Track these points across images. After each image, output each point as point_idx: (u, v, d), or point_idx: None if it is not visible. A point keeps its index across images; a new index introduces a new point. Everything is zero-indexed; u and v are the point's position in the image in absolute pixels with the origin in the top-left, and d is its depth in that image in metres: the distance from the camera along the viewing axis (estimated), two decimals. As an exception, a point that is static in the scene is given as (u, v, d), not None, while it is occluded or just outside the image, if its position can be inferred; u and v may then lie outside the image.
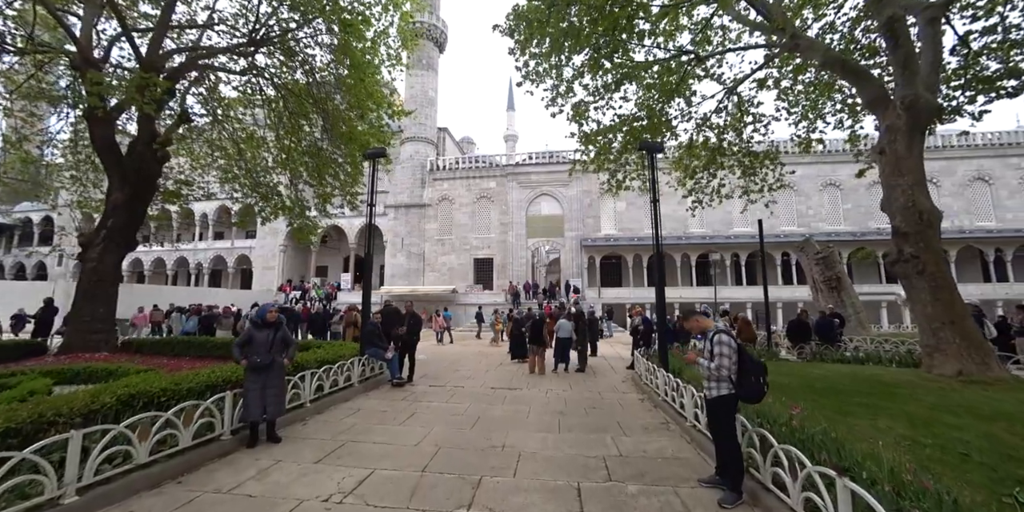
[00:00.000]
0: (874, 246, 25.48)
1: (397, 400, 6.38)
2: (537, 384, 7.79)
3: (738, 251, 26.59)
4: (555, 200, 29.02)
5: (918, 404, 5.09)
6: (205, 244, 36.23)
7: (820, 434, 3.36)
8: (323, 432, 4.71)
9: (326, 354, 6.94)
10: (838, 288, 15.99)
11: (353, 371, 6.77)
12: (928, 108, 7.37)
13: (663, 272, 7.17)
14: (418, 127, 32.71)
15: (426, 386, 7.51)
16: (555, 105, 11.29)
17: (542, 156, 30.82)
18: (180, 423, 3.58)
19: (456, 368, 9.75)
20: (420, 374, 8.68)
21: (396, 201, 31.53)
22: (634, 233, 27.67)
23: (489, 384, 7.70)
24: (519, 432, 4.78)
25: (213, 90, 12.58)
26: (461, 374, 8.87)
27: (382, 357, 7.32)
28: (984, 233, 25.28)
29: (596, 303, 24.46)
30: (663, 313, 7.06)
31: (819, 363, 8.75)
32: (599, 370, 9.63)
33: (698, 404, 4.50)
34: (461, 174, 30.99)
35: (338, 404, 5.98)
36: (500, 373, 9.06)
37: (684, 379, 5.80)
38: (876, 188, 27.41)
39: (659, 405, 5.98)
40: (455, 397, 6.62)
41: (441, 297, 27.44)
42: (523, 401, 6.37)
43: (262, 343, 4.15)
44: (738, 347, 3.25)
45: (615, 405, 6.18)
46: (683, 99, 11.62)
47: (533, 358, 9.07)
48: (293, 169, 13.04)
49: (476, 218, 30.14)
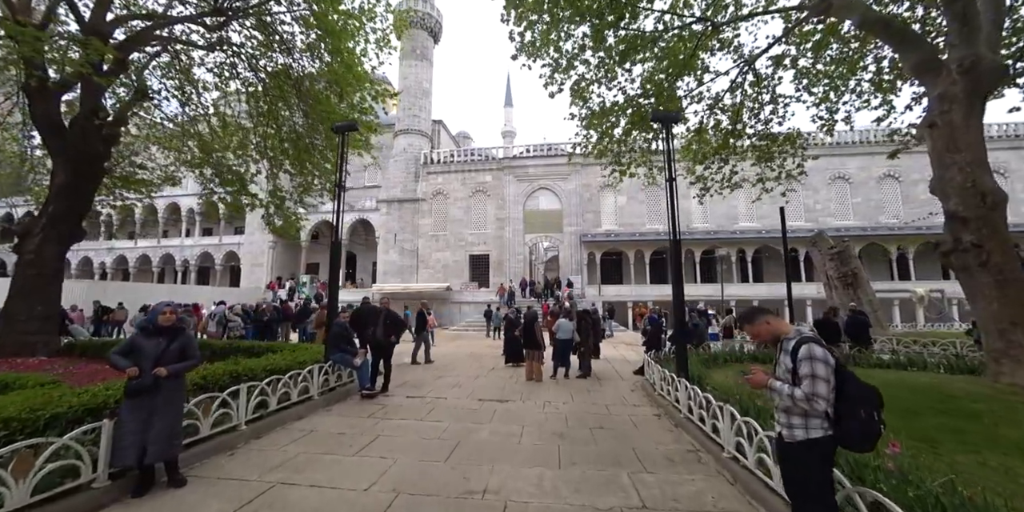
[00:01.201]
0: (884, 241, 24.50)
1: (363, 417, 5.26)
2: (533, 394, 6.69)
3: (744, 246, 25.53)
4: (553, 194, 27.88)
5: (1015, 427, 4.01)
6: (192, 240, 34.99)
7: (945, 490, 2.27)
8: (251, 468, 3.60)
9: (281, 360, 5.82)
10: (854, 284, 14.95)
11: (312, 381, 5.65)
12: (991, 70, 6.26)
13: (679, 262, 6.08)
14: (412, 119, 31.53)
15: (402, 397, 6.40)
16: (553, 82, 10.16)
17: (540, 149, 29.65)
18: (7, 472, 2.46)
19: (442, 373, 8.65)
20: (399, 382, 7.58)
21: (388, 195, 30.35)
22: (635, 228, 26.57)
23: (477, 395, 6.59)
24: (507, 466, 3.67)
25: (187, 72, 11.41)
26: (447, 381, 7.76)
27: (350, 363, 6.21)
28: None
29: (596, 301, 23.37)
30: (682, 309, 5.96)
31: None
32: (604, 376, 8.55)
33: (764, 446, 3.17)
34: (456, 168, 29.81)
35: (287, 424, 4.87)
36: (492, 380, 7.96)
37: (711, 390, 4.71)
38: (887, 182, 26.40)
39: (681, 424, 4.90)
40: (434, 412, 5.52)
41: (435, 295, 26.30)
42: (515, 418, 5.26)
43: (149, 356, 3.02)
44: (836, 364, 2.14)
45: (627, 423, 5.08)
46: (694, 77, 10.50)
47: (530, 363, 7.97)
48: (273, 157, 11.90)
49: (471, 213, 28.99)
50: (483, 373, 8.72)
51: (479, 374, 8.57)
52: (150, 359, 3.01)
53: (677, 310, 5.94)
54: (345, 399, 6.16)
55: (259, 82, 10.93)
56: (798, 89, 10.77)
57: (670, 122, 6.63)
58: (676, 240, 6.05)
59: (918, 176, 25.78)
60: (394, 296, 27.43)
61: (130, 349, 3.07)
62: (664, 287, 25.52)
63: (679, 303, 5.88)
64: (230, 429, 4.19)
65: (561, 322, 8.36)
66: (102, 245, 36.15)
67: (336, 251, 7.03)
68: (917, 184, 25.75)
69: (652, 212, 27.03)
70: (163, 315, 3.16)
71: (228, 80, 11.55)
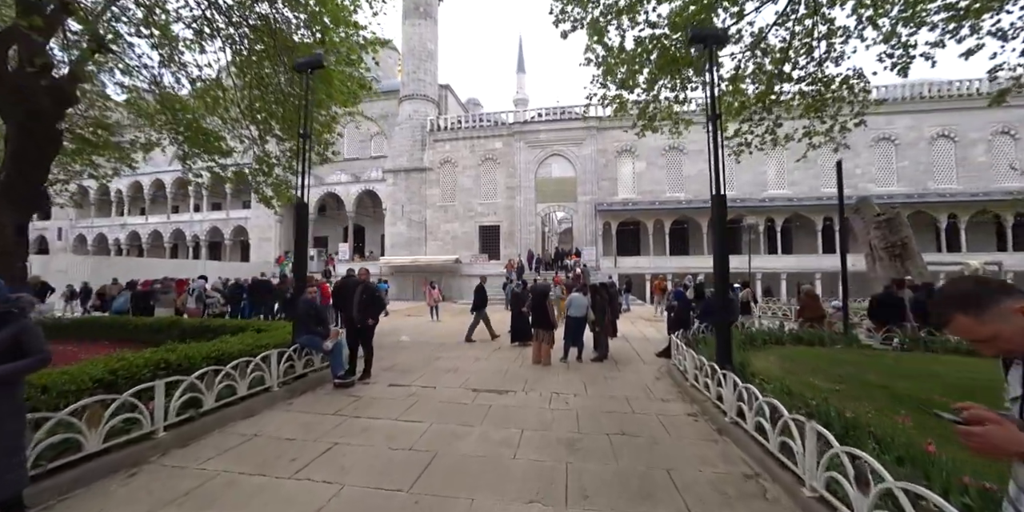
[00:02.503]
0: (933, 209, 22.32)
1: (327, 414, 4.30)
2: (539, 382, 5.64)
3: (773, 215, 23.66)
4: (567, 161, 26.12)
5: None
6: (201, 215, 34.61)
7: None
8: (143, 496, 2.65)
9: (238, 344, 4.87)
10: (903, 256, 13.31)
11: (268, 370, 4.69)
12: None
13: (724, 222, 4.78)
14: (416, 84, 29.66)
15: (384, 385, 5.43)
16: (566, 19, 8.52)
17: (553, 112, 27.64)
18: None
19: (439, 354, 7.69)
20: (389, 364, 6.64)
21: (395, 165, 29.03)
22: (654, 196, 24.85)
23: (473, 383, 5.58)
24: (492, 500, 2.63)
25: (164, 29, 10.04)
26: (442, 364, 6.78)
27: (319, 347, 5.23)
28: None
29: (612, 273, 22.14)
30: (726, 279, 4.71)
31: (930, 355, 6.40)
32: (622, 358, 7.46)
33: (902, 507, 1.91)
34: (464, 134, 28.15)
35: (229, 424, 3.93)
36: (493, 363, 6.95)
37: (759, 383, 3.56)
38: (939, 143, 23.76)
39: (726, 430, 3.78)
40: (415, 408, 4.52)
41: (444, 267, 25.44)
42: (513, 418, 4.23)
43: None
44: None
45: (655, 427, 3.99)
46: (731, 11, 8.68)
47: (538, 345, 6.91)
48: (263, 121, 10.67)
49: (481, 182, 27.57)
50: (485, 354, 7.73)
51: (480, 355, 7.58)
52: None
53: (718, 280, 4.70)
54: (316, 388, 5.22)
55: (241, 38, 9.56)
56: (860, 22, 8.85)
57: (715, 43, 5.15)
58: (720, 195, 4.73)
59: (977, 135, 23.17)
60: (403, 269, 26.75)
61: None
62: (684, 259, 24.08)
63: (722, 272, 4.63)
64: (141, 437, 3.24)
65: (574, 297, 7.22)
66: (115, 221, 36.15)
67: (302, 212, 5.92)
68: (976, 144, 23.18)
69: (672, 179, 25.17)
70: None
71: (208, 37, 10.18)
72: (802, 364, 5.95)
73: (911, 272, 13.32)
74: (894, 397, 4.09)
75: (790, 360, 6.21)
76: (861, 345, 7.20)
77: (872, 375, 5.03)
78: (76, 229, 37.04)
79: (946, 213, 22.28)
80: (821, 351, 6.91)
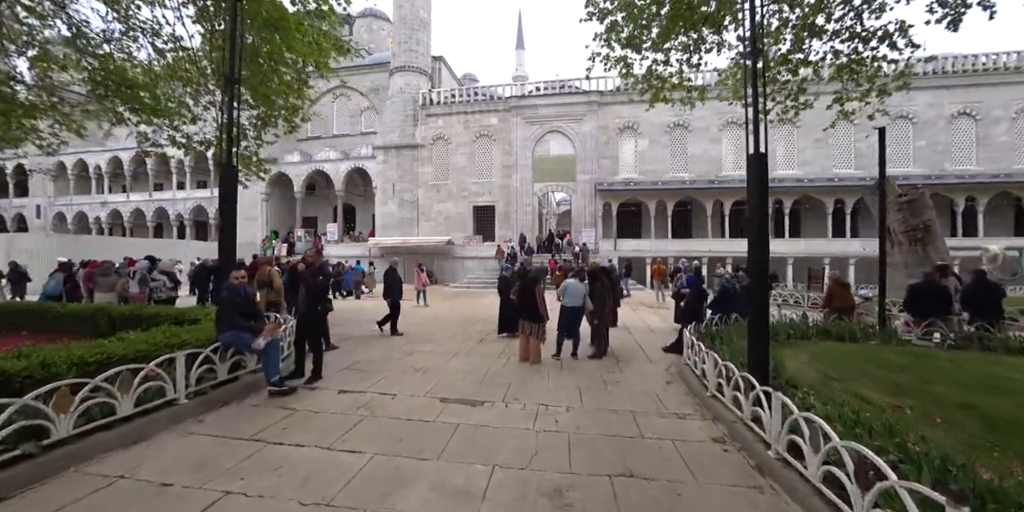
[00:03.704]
0: (951, 191, 21.15)
1: (241, 438, 3.27)
2: (524, 389, 4.62)
3: (781, 197, 22.44)
4: (566, 138, 24.64)
5: None
6: (184, 193, 33.08)
7: None
8: None
9: (142, 343, 3.80)
10: (924, 240, 12.30)
11: (169, 379, 3.62)
12: None
13: (764, 190, 3.66)
14: (408, 54, 27.83)
15: (334, 391, 4.39)
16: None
17: (552, 86, 25.99)
18: None
19: (414, 348, 6.66)
20: (350, 360, 5.62)
21: (385, 141, 27.48)
22: (657, 176, 23.54)
23: (442, 389, 4.54)
24: None
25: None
26: (411, 362, 5.75)
27: (247, 346, 4.17)
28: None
29: (612, 256, 21.10)
30: (765, 263, 3.62)
31: (990, 355, 5.38)
32: (624, 353, 6.45)
33: None
34: (458, 109, 26.54)
35: (97, 458, 2.89)
36: (473, 360, 5.93)
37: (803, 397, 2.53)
38: (960, 121, 22.35)
39: (770, 470, 2.77)
40: (359, 428, 3.49)
41: (436, 249, 24.34)
42: (484, 445, 3.20)
43: None
44: None
45: (673, 462, 2.98)
46: None
47: (525, 340, 5.87)
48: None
49: (475, 160, 26.15)
50: (466, 348, 6.70)
51: (460, 350, 6.54)
52: None
53: (755, 265, 3.61)
54: (245, 397, 4.18)
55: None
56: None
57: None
58: (760, 153, 3.59)
59: (1001, 113, 21.82)
60: (393, 250, 25.58)
61: None
62: (687, 242, 22.99)
63: (760, 257, 3.53)
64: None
65: (569, 283, 6.13)
66: (95, 199, 34.67)
67: (228, 175, 4.73)
68: (999, 122, 21.85)
69: (676, 158, 23.81)
70: None
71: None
72: (841, 366, 4.94)
73: (932, 258, 12.32)
74: (989, 422, 3.09)
75: (825, 360, 5.20)
76: (901, 341, 6.19)
77: (940, 385, 4.02)
78: (55, 207, 35.54)
79: (964, 196, 21.15)
80: (856, 348, 5.91)
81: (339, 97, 33.14)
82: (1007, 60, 21.90)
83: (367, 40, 42.62)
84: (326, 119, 33.41)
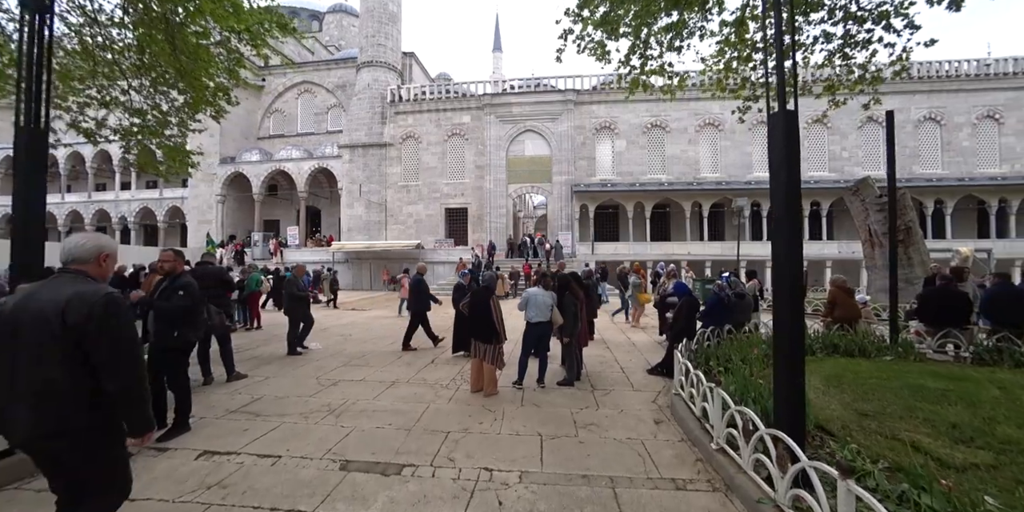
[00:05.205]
0: (920, 194, 21.24)
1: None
2: (466, 440, 3.44)
3: (760, 199, 22.06)
4: (542, 138, 23.71)
5: None
6: (129, 194, 30.47)
7: None
8: None
9: None
10: (905, 241, 11.89)
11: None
12: None
13: (797, 176, 2.61)
14: (376, 49, 26.40)
15: (192, 453, 3.10)
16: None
17: (527, 84, 25.07)
18: None
19: (343, 375, 5.38)
20: (250, 397, 4.31)
21: (352, 140, 25.93)
22: (635, 178, 22.88)
23: (351, 444, 3.32)
24: None
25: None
26: (327, 399, 4.47)
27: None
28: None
29: (590, 260, 20.16)
30: (799, 265, 2.59)
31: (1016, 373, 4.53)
32: (601, 377, 5.36)
33: None
34: (429, 106, 25.27)
35: None
36: (410, 392, 4.70)
37: None
38: (926, 126, 22.60)
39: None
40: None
41: (404, 254, 22.85)
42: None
43: None
44: None
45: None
46: None
47: (477, 365, 4.69)
48: (158, 67, 7.72)
49: (447, 160, 24.90)
50: (408, 374, 5.46)
51: (400, 377, 5.30)
52: None
53: (780, 262, 2.57)
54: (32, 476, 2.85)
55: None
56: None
57: None
58: (787, 111, 2.56)
59: (963, 118, 22.20)
60: (358, 255, 23.99)
61: None
62: (667, 245, 22.35)
63: (794, 258, 2.49)
64: None
65: (531, 293, 4.97)
66: (25, 199, 31.50)
67: (35, 146, 3.42)
68: (961, 128, 22.22)
69: (654, 159, 23.22)
70: None
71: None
72: (868, 393, 3.99)
73: (913, 259, 11.93)
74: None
75: (844, 384, 4.25)
76: (919, 357, 5.33)
77: (1007, 424, 3.08)
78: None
79: (933, 198, 21.32)
80: (873, 366, 5.00)
81: (304, 94, 31.36)
82: (967, 68, 22.34)
83: (337, 36, 40.93)
84: (289, 116, 31.56)
